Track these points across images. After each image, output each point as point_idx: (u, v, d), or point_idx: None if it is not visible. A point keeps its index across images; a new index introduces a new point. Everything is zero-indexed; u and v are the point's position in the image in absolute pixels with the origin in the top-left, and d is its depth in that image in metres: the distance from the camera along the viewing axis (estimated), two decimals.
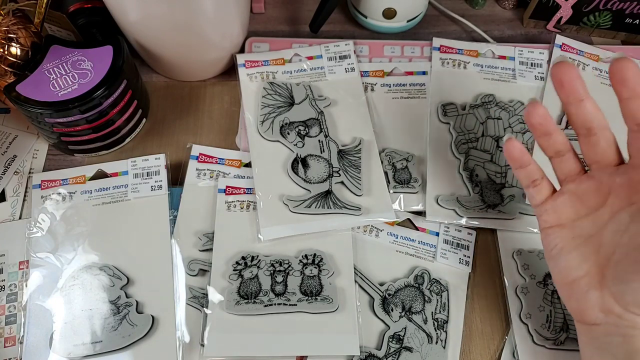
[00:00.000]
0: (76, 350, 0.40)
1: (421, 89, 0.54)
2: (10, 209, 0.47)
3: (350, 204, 0.47)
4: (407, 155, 0.50)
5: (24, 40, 0.45)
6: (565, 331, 0.42)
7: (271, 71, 0.53)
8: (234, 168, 0.49)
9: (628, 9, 0.57)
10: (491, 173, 0.48)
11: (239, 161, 0.49)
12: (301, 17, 0.61)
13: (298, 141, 0.49)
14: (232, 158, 0.49)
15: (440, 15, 0.62)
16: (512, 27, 0.62)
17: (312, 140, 0.49)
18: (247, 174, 0.48)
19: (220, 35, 0.51)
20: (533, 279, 0.44)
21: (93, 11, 0.52)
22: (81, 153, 0.50)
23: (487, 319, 0.44)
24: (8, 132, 0.52)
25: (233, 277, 0.43)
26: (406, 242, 0.46)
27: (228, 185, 0.47)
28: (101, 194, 0.47)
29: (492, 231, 0.48)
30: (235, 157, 0.49)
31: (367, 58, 0.56)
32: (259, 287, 0.43)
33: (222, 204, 0.46)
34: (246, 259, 0.44)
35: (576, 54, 0.56)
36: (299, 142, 0.49)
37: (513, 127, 0.51)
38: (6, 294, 0.43)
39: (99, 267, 0.44)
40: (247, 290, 0.43)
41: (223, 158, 0.49)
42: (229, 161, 0.49)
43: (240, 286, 0.43)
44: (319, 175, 0.48)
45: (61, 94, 0.44)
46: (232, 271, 0.43)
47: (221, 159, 0.49)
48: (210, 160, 0.49)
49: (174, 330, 0.41)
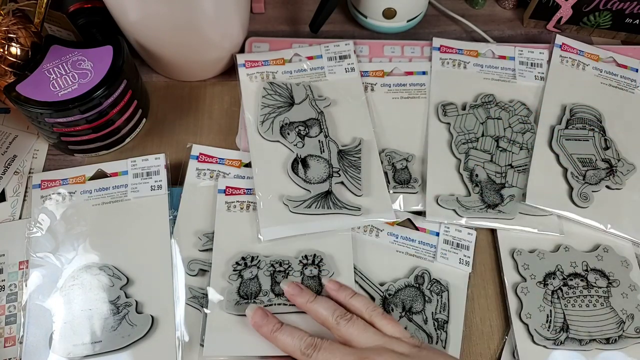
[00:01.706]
0: (76, 350, 0.40)
1: (421, 89, 0.54)
2: (10, 209, 0.47)
3: (350, 204, 0.47)
4: (407, 155, 0.50)
5: (24, 40, 0.45)
6: (565, 331, 0.42)
7: (271, 71, 0.53)
8: (234, 168, 0.49)
9: (628, 9, 0.57)
10: (491, 173, 0.48)
11: (239, 161, 0.49)
12: (301, 17, 0.61)
13: (298, 141, 0.49)
14: (232, 158, 0.49)
15: (440, 15, 0.62)
16: (512, 27, 0.62)
17: (312, 140, 0.49)
18: (247, 174, 0.48)
19: (220, 35, 0.51)
20: (533, 279, 0.44)
21: (93, 11, 0.52)
22: (81, 153, 0.50)
23: (487, 319, 0.44)
24: (8, 132, 0.52)
25: (233, 278, 0.43)
26: (406, 242, 0.46)
27: (228, 185, 0.47)
28: (101, 194, 0.47)
29: (492, 231, 0.48)
30: (235, 157, 0.49)
31: (367, 58, 0.56)
32: (259, 288, 0.43)
33: (222, 204, 0.46)
34: (246, 260, 0.44)
35: (576, 54, 0.56)
36: (299, 142, 0.49)
37: (513, 127, 0.51)
38: (6, 294, 0.43)
39: (99, 267, 0.43)
40: (247, 290, 0.42)
41: (223, 158, 0.49)
42: (229, 161, 0.49)
43: (240, 286, 0.43)
44: (319, 176, 0.48)
45: (61, 94, 0.44)
46: (232, 271, 0.43)
47: (221, 159, 0.49)
48: (210, 160, 0.49)
49: (174, 330, 0.41)
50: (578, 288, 0.44)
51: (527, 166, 0.49)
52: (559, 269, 0.45)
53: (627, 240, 0.47)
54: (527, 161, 0.49)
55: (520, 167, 0.49)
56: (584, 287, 0.44)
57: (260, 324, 0.39)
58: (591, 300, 0.44)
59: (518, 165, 0.49)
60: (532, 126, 0.51)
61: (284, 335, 0.38)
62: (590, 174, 0.48)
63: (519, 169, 0.49)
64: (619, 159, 0.50)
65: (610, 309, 0.43)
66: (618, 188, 0.48)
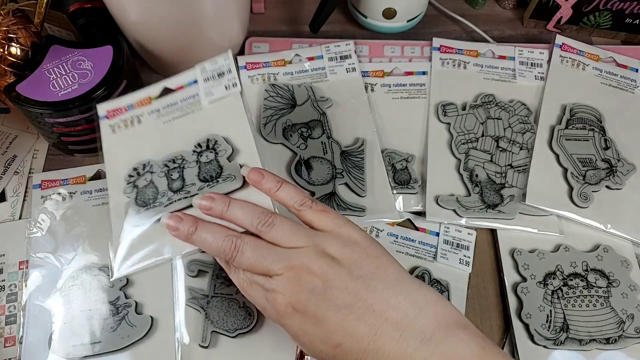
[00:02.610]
0: (75, 351, 0.40)
1: (421, 89, 0.54)
2: (10, 209, 0.47)
3: (354, 205, 0.47)
4: (407, 155, 0.50)
5: (24, 40, 0.45)
6: (565, 331, 0.42)
7: (272, 73, 0.53)
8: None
9: (628, 9, 0.57)
10: (491, 173, 0.48)
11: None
12: (301, 17, 0.61)
13: (301, 143, 0.49)
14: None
15: (440, 15, 0.62)
16: (512, 27, 0.62)
17: (315, 142, 0.49)
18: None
19: (220, 35, 0.51)
20: (533, 279, 0.44)
21: (93, 11, 0.52)
22: (81, 153, 0.50)
23: (487, 319, 0.44)
24: (8, 132, 0.52)
25: (128, 191, 0.39)
26: (406, 242, 0.46)
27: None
28: (101, 194, 0.47)
29: (492, 231, 0.48)
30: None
31: (367, 58, 0.56)
32: (156, 191, 0.39)
33: (106, 127, 0.42)
34: (137, 169, 0.40)
35: (576, 54, 0.56)
36: (301, 144, 0.49)
37: (513, 127, 0.51)
38: (6, 294, 0.43)
39: (99, 267, 0.43)
40: (144, 197, 0.39)
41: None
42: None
43: (137, 196, 0.39)
44: (322, 177, 0.48)
45: (61, 94, 0.44)
46: (125, 185, 0.40)
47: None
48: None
49: (173, 331, 0.41)
50: (578, 288, 0.44)
51: (527, 166, 0.49)
52: (559, 269, 0.45)
53: (627, 240, 0.47)
54: (527, 161, 0.49)
55: (520, 167, 0.49)
56: (584, 287, 0.44)
57: (176, 227, 0.35)
58: (591, 300, 0.44)
59: (518, 165, 0.49)
60: (532, 126, 0.51)
61: (203, 233, 0.34)
62: (590, 174, 0.48)
63: (519, 169, 0.49)
64: (619, 159, 0.50)
65: (610, 309, 0.43)
66: (618, 188, 0.48)
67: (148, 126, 0.42)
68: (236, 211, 0.35)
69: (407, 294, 0.31)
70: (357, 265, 0.32)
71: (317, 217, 0.34)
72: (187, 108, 0.42)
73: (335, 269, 0.31)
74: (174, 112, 0.42)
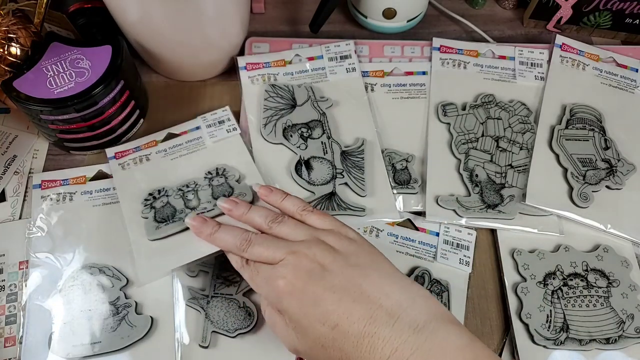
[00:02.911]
0: (75, 351, 0.40)
1: (421, 89, 0.54)
2: (10, 209, 0.47)
3: (355, 205, 0.47)
4: (407, 155, 0.50)
5: (24, 40, 0.45)
6: (565, 331, 0.42)
7: (272, 73, 0.53)
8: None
9: (628, 9, 0.57)
10: (491, 173, 0.48)
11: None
12: (301, 17, 0.61)
13: (301, 143, 0.49)
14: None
15: (440, 15, 0.62)
16: (512, 27, 0.62)
17: (315, 142, 0.49)
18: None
19: (220, 35, 0.51)
20: (533, 279, 0.44)
21: (93, 11, 0.52)
22: (77, 150, 0.50)
23: (487, 319, 0.44)
24: (8, 132, 0.52)
25: (146, 212, 0.44)
26: (406, 242, 0.46)
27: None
28: (101, 195, 0.47)
29: (492, 231, 0.48)
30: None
31: (367, 58, 0.56)
32: (174, 210, 0.44)
33: (116, 166, 0.48)
34: (153, 194, 0.45)
35: (576, 54, 0.56)
36: (302, 144, 0.49)
37: (513, 127, 0.51)
38: (6, 294, 0.43)
39: (99, 267, 0.43)
40: (163, 215, 0.44)
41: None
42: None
43: (155, 215, 0.44)
44: (322, 177, 0.48)
45: (57, 91, 0.44)
46: (143, 207, 0.45)
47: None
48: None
49: (173, 331, 0.41)
50: (578, 288, 0.44)
51: (527, 166, 0.49)
52: (559, 269, 0.45)
53: (627, 240, 0.47)
54: (527, 161, 0.49)
55: (520, 167, 0.49)
56: (584, 287, 0.44)
57: (200, 228, 0.40)
58: (591, 300, 0.44)
59: (518, 165, 0.49)
60: (532, 126, 0.51)
61: (222, 234, 0.39)
62: (590, 174, 0.48)
63: (519, 169, 0.49)
64: (619, 159, 0.50)
65: (610, 309, 0.43)
66: (618, 188, 0.48)
67: (157, 162, 0.48)
68: (253, 214, 0.40)
69: (400, 286, 0.34)
70: (354, 255, 0.35)
71: (318, 219, 0.38)
72: (193, 147, 0.48)
73: (332, 255, 0.35)
74: (180, 151, 0.48)
